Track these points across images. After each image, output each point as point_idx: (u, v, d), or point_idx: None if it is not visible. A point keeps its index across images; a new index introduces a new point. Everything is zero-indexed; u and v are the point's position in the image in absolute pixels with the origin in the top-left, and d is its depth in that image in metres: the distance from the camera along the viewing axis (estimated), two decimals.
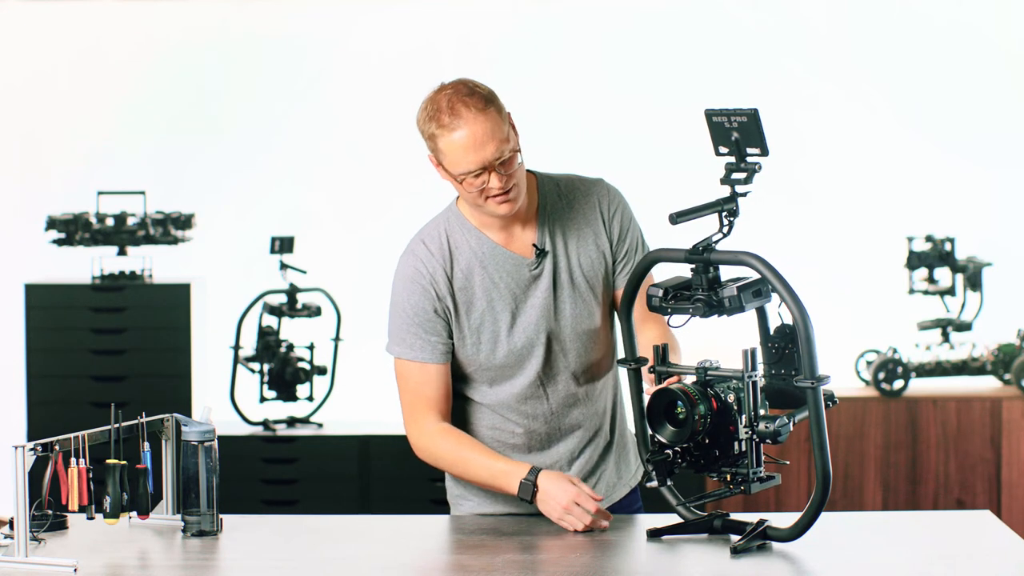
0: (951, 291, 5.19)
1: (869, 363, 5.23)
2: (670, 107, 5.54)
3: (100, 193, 5.22)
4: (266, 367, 5.13)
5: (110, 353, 5.12)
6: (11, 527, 2.56)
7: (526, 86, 5.68)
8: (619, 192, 2.90)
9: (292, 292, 5.10)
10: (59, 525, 2.72)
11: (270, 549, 2.64)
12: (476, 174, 2.71)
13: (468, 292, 2.81)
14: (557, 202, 2.85)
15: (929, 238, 5.19)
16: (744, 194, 2.55)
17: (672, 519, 2.70)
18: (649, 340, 2.80)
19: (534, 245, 2.82)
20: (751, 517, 2.63)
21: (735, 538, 2.58)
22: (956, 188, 5.58)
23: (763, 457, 2.54)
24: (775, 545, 2.56)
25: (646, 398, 2.65)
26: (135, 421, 2.68)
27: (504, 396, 2.85)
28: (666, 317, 2.63)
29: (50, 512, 2.68)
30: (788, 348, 2.54)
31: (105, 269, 5.20)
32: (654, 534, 2.64)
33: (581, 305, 2.84)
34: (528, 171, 2.88)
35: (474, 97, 2.80)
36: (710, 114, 2.53)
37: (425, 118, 2.83)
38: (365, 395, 5.53)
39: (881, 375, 5.10)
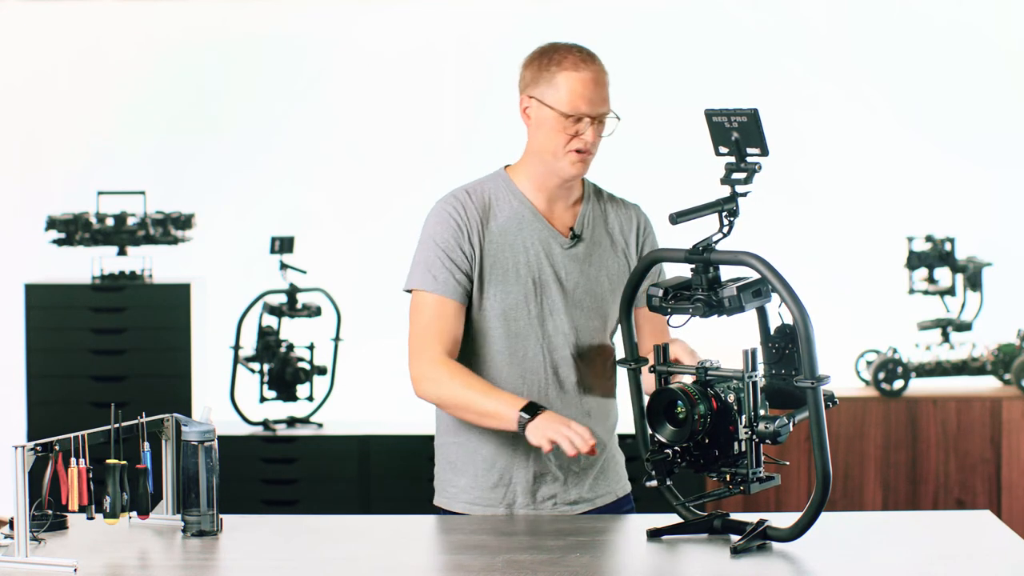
0: (951, 291, 5.19)
1: (869, 363, 5.23)
2: (670, 107, 5.54)
3: (100, 193, 5.22)
4: (266, 367, 5.13)
5: (110, 353, 5.12)
6: (11, 527, 2.56)
7: None
8: (651, 222, 3.00)
9: (292, 292, 5.10)
10: (59, 525, 2.72)
11: (270, 549, 2.64)
12: (577, 119, 2.80)
13: (498, 247, 2.86)
14: (597, 204, 2.95)
15: (929, 238, 5.19)
16: (744, 194, 2.55)
17: (672, 519, 2.71)
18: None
19: (571, 228, 2.89)
20: (751, 517, 2.63)
21: (735, 538, 2.58)
22: (956, 188, 5.58)
23: (763, 457, 2.55)
24: (775, 545, 2.56)
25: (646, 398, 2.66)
26: (135, 421, 2.68)
27: (509, 366, 2.86)
28: (666, 317, 2.63)
29: (50, 512, 2.68)
30: (788, 348, 2.54)
31: (105, 269, 5.20)
32: (654, 534, 2.64)
33: (592, 302, 2.89)
34: None
35: (597, 58, 2.90)
36: (710, 114, 2.53)
37: (542, 57, 2.89)
38: (365, 395, 5.53)
39: (881, 375, 5.10)
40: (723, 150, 2.54)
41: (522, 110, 2.92)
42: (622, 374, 2.86)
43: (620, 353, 2.84)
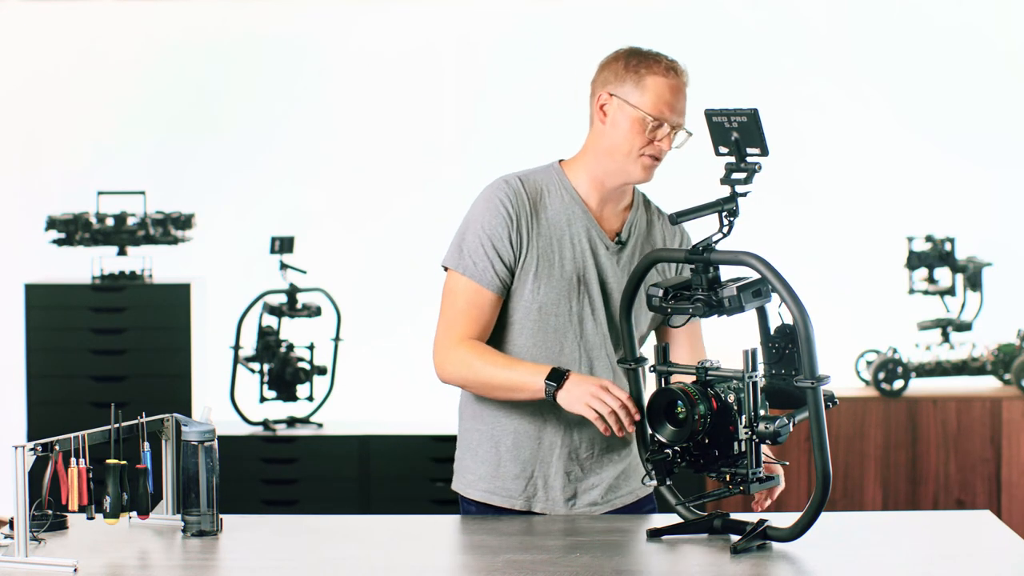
0: (951, 291, 5.19)
1: (869, 363, 5.23)
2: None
3: (100, 193, 5.22)
4: (266, 367, 5.13)
5: (110, 353, 5.12)
6: (11, 527, 2.56)
7: (526, 86, 5.68)
8: (690, 237, 2.99)
9: (292, 292, 5.10)
10: (59, 525, 2.71)
11: (270, 549, 2.64)
12: (657, 124, 2.81)
13: (546, 239, 2.85)
14: (645, 214, 2.96)
15: (929, 238, 5.19)
16: (744, 194, 2.55)
17: (672, 519, 2.71)
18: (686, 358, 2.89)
19: (617, 233, 2.89)
20: (751, 517, 2.63)
21: (735, 538, 2.58)
22: (956, 188, 5.58)
23: (763, 457, 2.54)
24: (775, 545, 2.56)
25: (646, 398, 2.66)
26: (135, 421, 2.67)
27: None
28: (666, 317, 2.63)
29: (50, 512, 2.68)
30: (788, 348, 2.54)
31: (105, 269, 5.20)
32: (654, 534, 2.64)
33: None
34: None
35: (684, 72, 2.90)
36: (710, 114, 2.53)
37: (632, 58, 2.86)
38: (365, 395, 5.53)
39: (881, 375, 5.10)
40: (723, 150, 2.55)
41: (598, 107, 2.87)
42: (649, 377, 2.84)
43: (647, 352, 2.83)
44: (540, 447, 2.87)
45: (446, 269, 2.87)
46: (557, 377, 2.71)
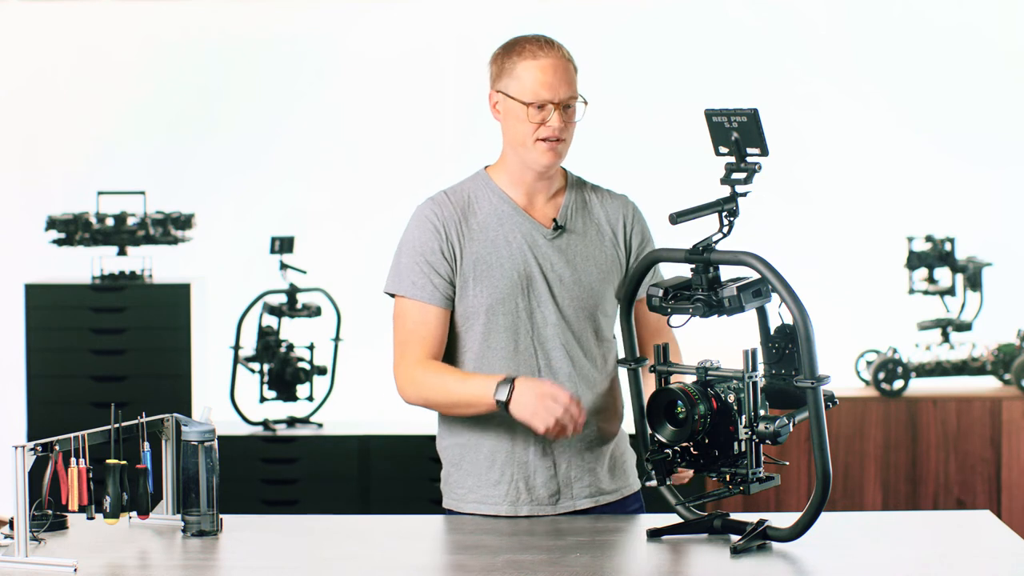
0: (951, 291, 5.19)
1: (869, 363, 5.23)
2: (670, 107, 5.54)
3: (100, 193, 5.22)
4: (266, 367, 5.13)
5: (110, 353, 5.12)
6: (11, 527, 2.56)
7: None
8: (640, 211, 2.98)
9: (292, 292, 5.10)
10: (59, 525, 2.72)
11: (270, 549, 2.64)
12: (540, 106, 2.81)
13: (480, 244, 2.86)
14: (580, 195, 2.94)
15: (929, 238, 5.19)
16: (744, 194, 2.55)
17: (672, 519, 2.70)
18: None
19: (554, 219, 2.89)
20: (751, 517, 2.63)
21: (735, 538, 2.58)
22: (956, 188, 5.58)
23: (763, 457, 2.54)
24: (775, 545, 2.56)
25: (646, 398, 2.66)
26: (135, 421, 2.68)
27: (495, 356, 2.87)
28: (666, 317, 2.63)
29: (50, 512, 2.68)
30: (788, 348, 2.54)
31: (105, 269, 5.20)
32: (654, 534, 2.64)
33: (581, 292, 2.88)
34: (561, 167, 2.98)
35: (557, 45, 2.89)
36: (710, 114, 2.53)
37: (504, 51, 2.88)
38: (365, 395, 5.53)
39: (881, 375, 5.10)
40: (723, 150, 2.55)
41: (492, 106, 2.89)
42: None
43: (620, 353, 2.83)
44: (514, 447, 2.87)
45: (392, 296, 2.90)
46: (505, 391, 2.71)
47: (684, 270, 2.66)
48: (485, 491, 2.88)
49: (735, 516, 2.65)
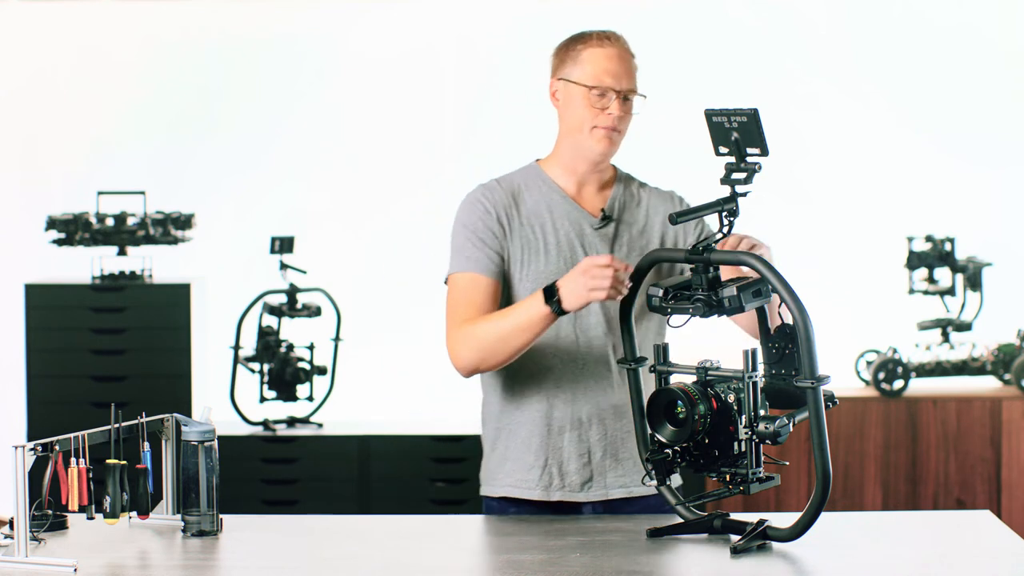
0: (951, 291, 5.19)
1: (869, 363, 5.23)
2: (670, 107, 5.54)
3: (100, 193, 5.22)
4: (266, 367, 5.13)
5: (110, 353, 5.12)
6: (11, 527, 2.56)
7: (526, 86, 5.67)
8: (688, 202, 3.01)
9: (292, 292, 5.10)
10: (59, 525, 2.72)
11: (270, 549, 2.64)
12: (602, 93, 2.86)
13: (528, 228, 2.90)
14: (628, 189, 2.99)
15: (929, 238, 5.19)
16: (744, 194, 2.55)
17: (672, 519, 2.71)
18: None
19: (602, 210, 2.92)
20: (751, 517, 2.63)
21: (735, 538, 2.58)
22: (956, 188, 5.58)
23: (763, 457, 2.54)
24: (775, 545, 2.56)
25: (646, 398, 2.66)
26: (135, 421, 2.68)
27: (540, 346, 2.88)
28: (666, 317, 2.63)
29: (50, 512, 2.68)
30: (788, 348, 2.54)
31: (105, 269, 5.20)
32: (654, 534, 2.64)
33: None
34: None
35: (623, 39, 3.02)
36: (710, 114, 2.53)
37: (569, 40, 2.98)
38: (365, 395, 5.53)
39: (881, 375, 5.10)
40: (723, 150, 2.55)
41: (551, 95, 2.96)
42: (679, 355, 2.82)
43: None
44: (550, 433, 2.90)
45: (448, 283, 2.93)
46: (552, 294, 2.71)
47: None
48: (520, 475, 2.92)
49: (735, 516, 2.65)
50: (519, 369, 2.90)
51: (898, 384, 5.11)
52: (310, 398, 5.19)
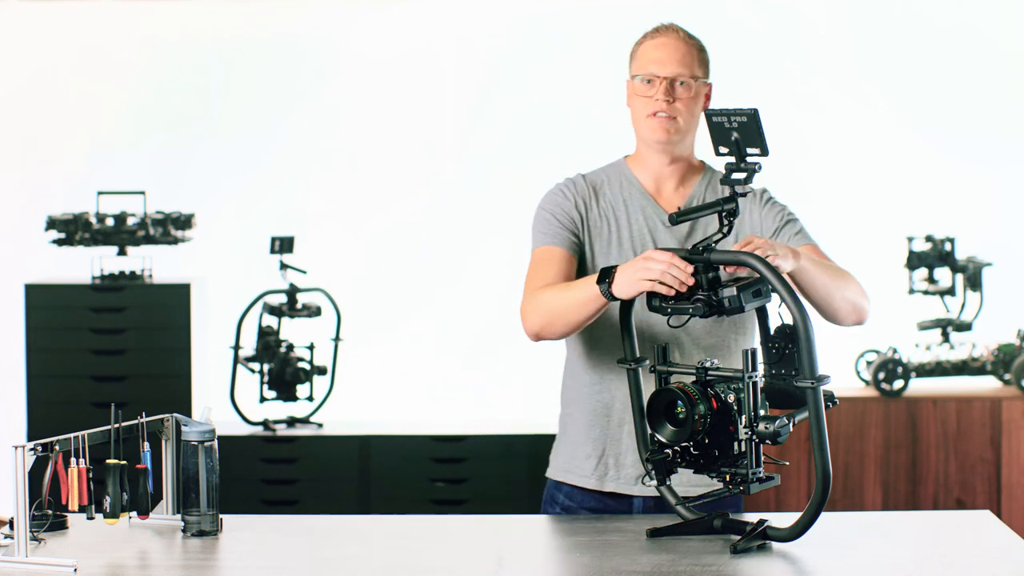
0: (951, 291, 5.18)
1: (869, 363, 5.22)
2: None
3: (100, 193, 5.22)
4: (266, 367, 5.13)
5: (110, 353, 5.12)
6: (11, 527, 2.56)
7: (526, 86, 5.68)
8: (769, 196, 3.01)
9: (292, 292, 5.10)
10: (59, 525, 2.72)
11: (270, 549, 2.64)
12: (647, 80, 2.91)
13: (605, 220, 2.93)
14: (712, 186, 2.99)
15: (929, 238, 5.19)
16: (744, 194, 2.55)
17: (672, 519, 2.70)
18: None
19: (678, 207, 2.88)
20: (751, 517, 2.63)
21: (735, 538, 2.58)
22: (956, 188, 5.58)
23: (763, 457, 2.54)
24: (775, 545, 2.56)
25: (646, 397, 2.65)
26: (135, 421, 2.68)
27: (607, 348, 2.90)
28: (666, 317, 2.63)
29: (50, 512, 2.68)
30: (788, 348, 2.54)
31: (105, 269, 5.20)
32: (654, 534, 2.64)
33: None
34: (700, 160, 3.02)
35: (684, 30, 3.05)
36: (710, 114, 2.54)
37: (639, 37, 3.03)
38: (365, 395, 5.53)
39: (881, 375, 5.10)
40: (723, 150, 2.55)
41: (627, 98, 3.00)
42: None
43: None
44: (609, 424, 2.94)
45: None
46: (605, 275, 2.70)
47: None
48: (577, 462, 2.96)
49: (735, 516, 2.65)
50: (587, 359, 2.95)
51: (898, 384, 5.10)
52: (310, 398, 5.19)
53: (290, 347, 5.15)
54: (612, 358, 2.89)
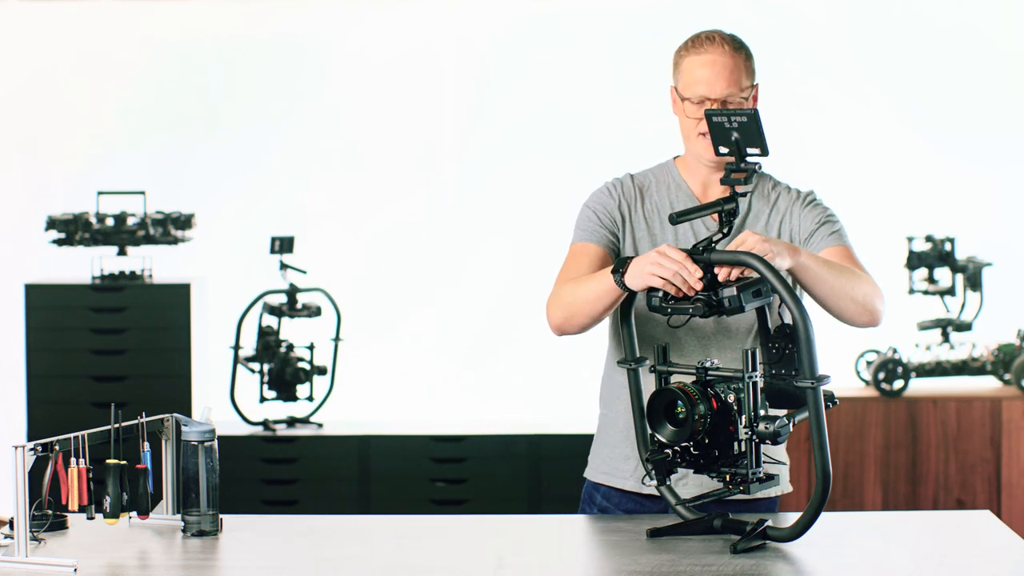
0: (951, 291, 5.18)
1: (869, 363, 5.23)
2: (670, 107, 5.54)
3: (100, 193, 5.22)
4: (266, 367, 5.13)
5: (110, 353, 5.12)
6: (11, 527, 2.56)
7: (526, 86, 5.68)
8: (814, 194, 3.02)
9: (292, 292, 5.10)
10: (59, 525, 2.71)
11: (270, 549, 2.64)
12: (698, 101, 2.86)
13: (650, 222, 2.92)
14: (758, 189, 2.96)
15: (929, 238, 5.19)
16: (744, 194, 2.55)
17: (672, 519, 2.70)
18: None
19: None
20: (751, 517, 2.63)
21: (735, 538, 2.58)
22: (956, 188, 5.58)
23: (763, 457, 2.54)
24: (775, 545, 2.56)
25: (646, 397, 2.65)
26: (135, 421, 2.67)
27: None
28: (666, 317, 2.63)
29: (50, 512, 2.68)
30: (788, 348, 2.54)
31: (105, 269, 5.20)
32: (654, 534, 2.64)
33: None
34: None
35: (730, 39, 2.98)
36: (710, 114, 2.54)
37: (680, 46, 2.98)
38: (365, 395, 5.53)
39: (881, 375, 5.10)
40: (723, 150, 2.55)
41: (672, 102, 2.98)
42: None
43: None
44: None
45: None
46: (620, 266, 2.68)
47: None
48: (615, 464, 2.94)
49: (735, 516, 2.65)
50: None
51: (898, 384, 5.11)
52: (310, 398, 5.19)
53: (290, 347, 5.15)
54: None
